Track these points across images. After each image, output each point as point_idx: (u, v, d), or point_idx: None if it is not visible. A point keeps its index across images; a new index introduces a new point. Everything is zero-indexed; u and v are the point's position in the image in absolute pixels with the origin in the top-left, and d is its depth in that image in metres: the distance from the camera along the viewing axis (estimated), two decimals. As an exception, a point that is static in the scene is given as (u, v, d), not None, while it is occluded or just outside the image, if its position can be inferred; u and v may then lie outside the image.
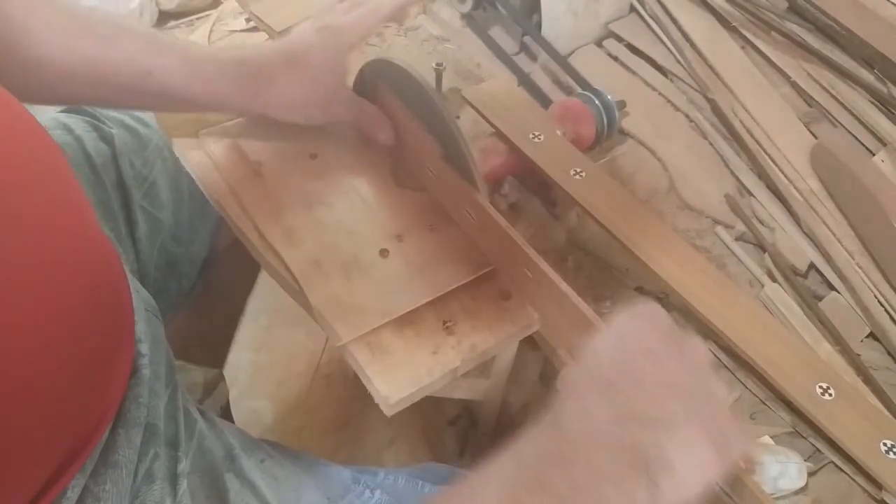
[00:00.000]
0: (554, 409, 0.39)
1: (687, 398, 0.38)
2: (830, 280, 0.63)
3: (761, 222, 0.67)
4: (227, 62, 0.57)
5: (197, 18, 1.21)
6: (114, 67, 0.55)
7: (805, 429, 0.53)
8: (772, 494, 0.50)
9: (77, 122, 0.67)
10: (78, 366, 0.43)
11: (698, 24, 0.82)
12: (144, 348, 0.51)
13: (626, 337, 0.41)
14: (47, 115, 0.68)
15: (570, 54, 0.82)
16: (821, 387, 0.52)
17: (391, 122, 0.62)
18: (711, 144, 0.73)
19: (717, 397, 0.40)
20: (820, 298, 0.62)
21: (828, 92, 0.76)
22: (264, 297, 0.81)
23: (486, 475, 0.37)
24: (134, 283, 0.54)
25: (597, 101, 0.69)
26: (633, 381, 0.39)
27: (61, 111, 0.70)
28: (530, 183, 0.68)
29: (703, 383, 0.40)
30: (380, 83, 0.62)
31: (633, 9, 0.85)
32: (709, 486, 0.37)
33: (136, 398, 0.49)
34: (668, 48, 0.81)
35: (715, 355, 0.58)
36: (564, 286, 0.49)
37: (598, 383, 0.39)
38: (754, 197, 0.69)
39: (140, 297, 0.54)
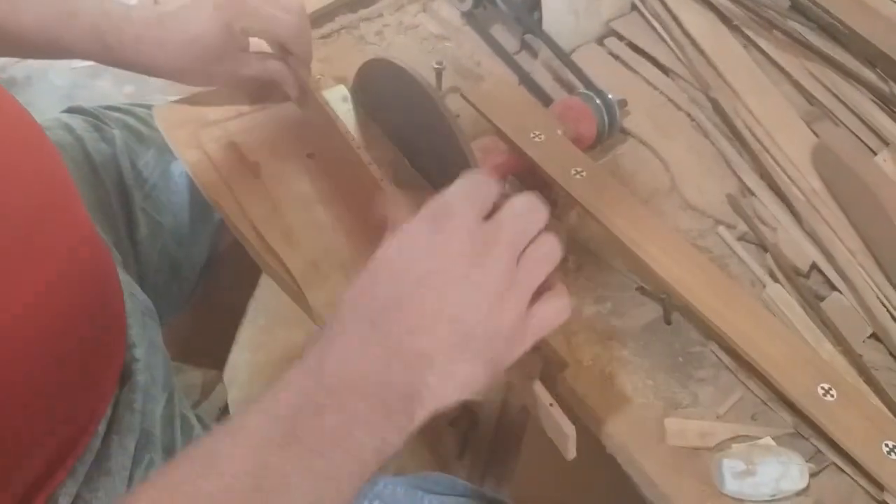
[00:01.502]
0: (319, 346, 0.36)
1: (458, 325, 0.36)
2: (832, 280, 0.62)
3: (763, 222, 0.67)
4: (129, 31, 0.58)
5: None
6: (23, 31, 0.56)
7: (807, 430, 0.53)
8: (773, 496, 0.50)
9: (78, 123, 0.67)
10: (63, 363, 0.42)
11: (700, 23, 0.81)
12: (139, 353, 0.51)
13: (412, 259, 0.38)
14: (48, 115, 0.68)
15: (570, 52, 0.81)
16: (822, 387, 0.51)
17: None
18: (713, 143, 0.73)
19: (501, 315, 0.37)
20: (822, 299, 0.62)
21: (830, 91, 0.76)
22: (264, 298, 0.81)
23: (234, 430, 0.34)
24: (132, 287, 0.54)
25: (598, 100, 0.69)
26: (400, 317, 0.36)
27: (64, 111, 0.70)
28: (531, 182, 0.68)
29: (486, 305, 0.37)
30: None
31: (634, 7, 0.85)
32: (470, 396, 0.37)
33: (130, 404, 0.49)
34: (670, 46, 0.81)
35: (716, 356, 0.58)
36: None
37: (364, 321, 0.37)
38: (756, 196, 0.69)
39: (137, 301, 0.54)
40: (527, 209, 0.40)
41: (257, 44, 0.65)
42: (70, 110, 0.70)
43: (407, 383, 0.35)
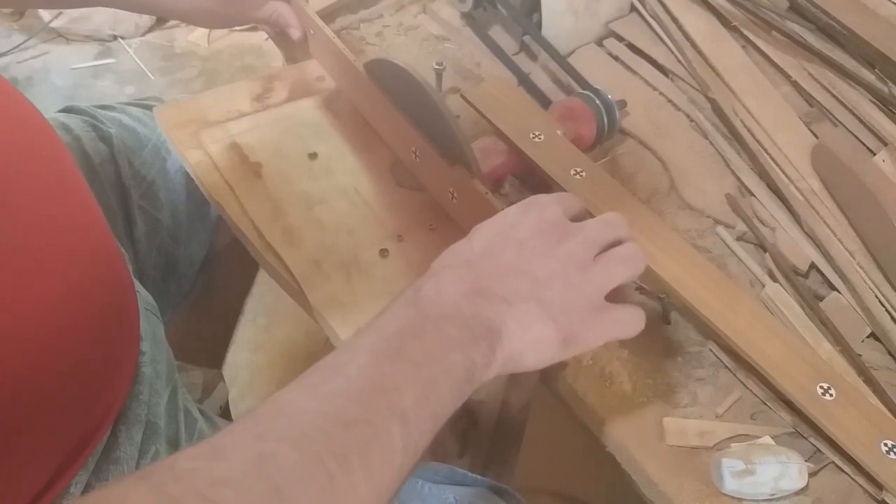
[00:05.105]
0: (415, 286, 0.42)
1: (537, 285, 0.42)
2: (831, 280, 0.62)
3: (762, 222, 0.67)
4: None
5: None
6: None
7: (806, 429, 0.53)
8: (772, 495, 0.50)
9: (76, 122, 0.67)
10: (82, 362, 0.43)
11: (699, 24, 0.82)
12: (145, 346, 0.51)
13: (504, 228, 0.44)
14: (45, 115, 0.68)
15: (570, 54, 0.81)
16: (822, 387, 0.52)
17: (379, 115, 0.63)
18: (712, 144, 0.73)
19: (577, 292, 0.43)
20: (821, 298, 0.62)
21: (829, 91, 0.76)
22: (263, 296, 0.82)
23: (352, 348, 0.39)
24: (135, 283, 0.54)
25: (597, 101, 0.69)
26: (490, 264, 0.43)
27: (60, 111, 0.70)
28: (531, 182, 0.68)
29: (562, 278, 0.42)
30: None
31: (633, 8, 0.85)
32: (546, 362, 0.42)
33: (137, 395, 0.50)
34: (669, 47, 0.81)
35: (715, 355, 0.58)
36: None
37: (459, 263, 0.43)
38: (755, 197, 0.69)
39: (140, 297, 0.54)
40: (612, 219, 0.46)
41: None
42: (66, 110, 0.70)
43: (489, 318, 0.41)
